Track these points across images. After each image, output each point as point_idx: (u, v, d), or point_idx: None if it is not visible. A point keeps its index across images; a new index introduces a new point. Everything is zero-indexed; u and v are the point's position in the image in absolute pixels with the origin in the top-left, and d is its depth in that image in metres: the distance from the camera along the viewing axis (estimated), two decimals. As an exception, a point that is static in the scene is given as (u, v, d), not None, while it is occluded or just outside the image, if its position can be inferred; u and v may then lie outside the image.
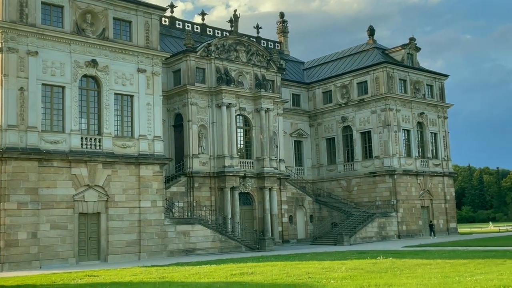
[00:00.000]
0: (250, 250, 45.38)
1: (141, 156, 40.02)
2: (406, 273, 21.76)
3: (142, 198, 39.72)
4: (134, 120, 40.51)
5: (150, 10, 42.43)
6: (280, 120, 56.86)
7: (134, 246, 39.06)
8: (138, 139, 40.36)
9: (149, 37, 42.04)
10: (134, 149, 40.12)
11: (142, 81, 41.10)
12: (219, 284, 20.21)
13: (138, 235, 39.25)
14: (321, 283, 19.33)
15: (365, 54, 65.22)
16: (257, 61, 55.11)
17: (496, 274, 19.97)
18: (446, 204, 64.11)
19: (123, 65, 40.34)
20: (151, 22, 42.50)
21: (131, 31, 41.35)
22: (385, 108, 58.98)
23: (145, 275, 25.46)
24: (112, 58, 39.66)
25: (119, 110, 40.08)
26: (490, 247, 38.91)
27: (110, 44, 39.48)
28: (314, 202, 59.91)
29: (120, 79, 40.01)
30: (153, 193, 40.38)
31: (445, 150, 65.30)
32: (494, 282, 17.50)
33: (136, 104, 40.61)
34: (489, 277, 19.19)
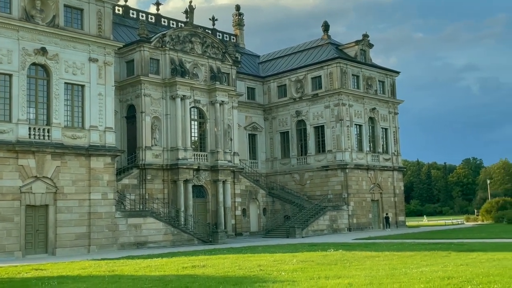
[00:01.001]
0: (203, 243, 44.71)
1: (91, 147, 38.77)
2: (355, 265, 21.92)
3: (93, 190, 38.56)
4: (85, 110, 39.21)
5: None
6: (235, 113, 56.29)
7: (83, 239, 37.95)
8: (89, 130, 39.07)
9: (102, 25, 40.70)
10: (85, 140, 38.82)
11: (93, 71, 39.77)
12: (170, 277, 19.85)
13: (87, 228, 38.13)
14: (272, 275, 19.24)
15: (320, 49, 65.25)
16: (212, 53, 54.31)
17: (441, 266, 20.37)
18: (395, 198, 64.97)
19: (74, 54, 38.97)
20: (103, 10, 41.15)
21: (83, 19, 39.93)
22: (338, 103, 59.17)
23: (95, 268, 24.83)
24: (62, 46, 38.22)
25: (70, 100, 38.70)
26: (436, 239, 39.58)
27: (60, 32, 38.05)
28: (267, 195, 59.72)
29: (70, 68, 38.63)
30: (104, 185, 39.28)
31: (395, 145, 66.12)
32: (439, 274, 17.79)
33: (87, 94, 39.29)
34: (434, 268, 19.56)
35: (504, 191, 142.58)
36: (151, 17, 60.43)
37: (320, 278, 17.62)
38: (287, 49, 71.95)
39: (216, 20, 65.24)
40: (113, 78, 41.74)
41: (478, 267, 19.58)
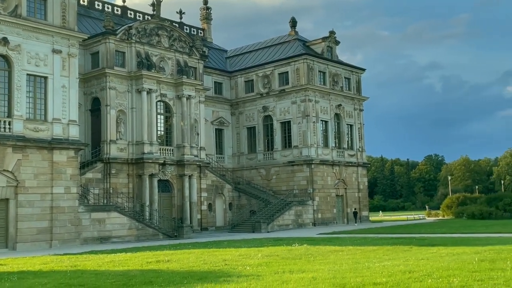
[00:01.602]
0: (168, 238, 44.26)
1: (54, 140, 37.89)
2: (319, 259, 21.95)
3: (55, 184, 37.72)
4: (48, 103, 38.28)
5: (67, -12, 40.28)
6: (202, 107, 55.86)
7: (45, 234, 37.11)
8: (51, 122, 38.19)
9: (66, 16, 39.74)
10: (47, 133, 37.93)
11: (57, 63, 38.87)
12: (134, 272, 19.52)
13: (50, 223, 37.29)
14: (237, 270, 19.13)
15: (287, 45, 65.26)
16: (179, 47, 53.75)
17: (402, 260, 20.49)
18: (359, 193, 65.60)
19: (37, 45, 38.05)
20: (68, 1, 40.20)
21: (46, 9, 38.89)
22: (305, 99, 59.35)
23: (56, 263, 24.30)
24: (25, 37, 37.30)
25: (32, 92, 37.77)
26: (398, 234, 39.98)
27: (23, 22, 37.06)
28: (233, 190, 59.54)
29: (33, 59, 37.70)
30: (66, 179, 38.45)
31: (360, 141, 66.68)
32: (400, 268, 17.89)
33: (50, 86, 38.38)
34: (396, 262, 19.67)
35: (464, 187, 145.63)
36: (117, 9, 59.54)
37: (285, 272, 17.59)
38: (254, 44, 71.78)
39: (184, 14, 64.69)
40: (77, 70, 40.87)
41: (439, 261, 19.79)
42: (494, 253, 21.68)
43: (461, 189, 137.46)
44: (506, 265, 17.33)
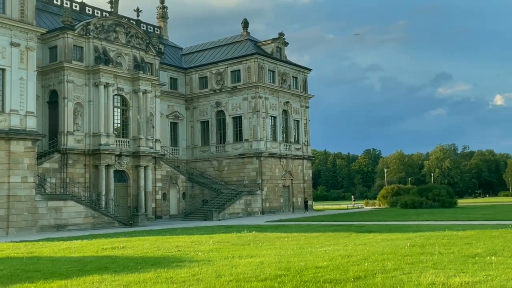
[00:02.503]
0: (123, 226, 43.60)
1: (12, 131, 36.58)
2: (267, 245, 22.07)
3: (12, 173, 36.47)
4: (6, 94, 36.88)
5: (26, -15, 38.87)
6: (157, 102, 55.11)
7: (2, 222, 35.87)
8: (9, 114, 36.85)
9: (24, 10, 38.33)
10: (5, 124, 36.56)
11: (15, 55, 37.45)
12: (89, 258, 19.17)
13: (6, 211, 36.06)
14: (189, 255, 19.05)
15: (239, 45, 65.14)
16: (136, 43, 52.83)
17: (342, 246, 20.86)
18: (304, 184, 66.26)
19: (-4, 38, 36.64)
20: (27, -5, 38.90)
21: (5, 3, 37.30)
22: (255, 95, 59.44)
23: (13, 250, 23.56)
24: (-18, 29, 35.79)
25: (-11, 83, 36.37)
26: (338, 222, 40.50)
27: (-19, 15, 35.62)
28: (187, 180, 59.14)
29: (-9, 52, 36.27)
30: (23, 169, 37.23)
31: (305, 136, 67.29)
32: (340, 252, 18.30)
33: (8, 78, 36.94)
34: (336, 248, 20.02)
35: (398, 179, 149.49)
36: (75, 5, 57.84)
37: (234, 258, 17.65)
38: (209, 43, 71.30)
39: (141, 12, 63.52)
40: (35, 63, 39.60)
41: (375, 246, 20.24)
42: (423, 239, 22.36)
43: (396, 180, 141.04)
44: (434, 250, 17.94)
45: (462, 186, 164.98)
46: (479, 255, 16.44)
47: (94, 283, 13.32)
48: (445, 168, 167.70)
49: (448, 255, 16.71)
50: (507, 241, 20.32)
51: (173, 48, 70.90)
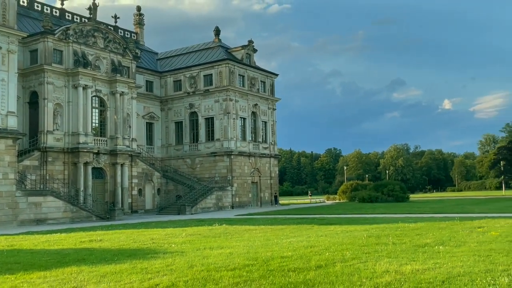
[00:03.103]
0: (101, 220, 42.95)
1: (-6, 130, 35.74)
2: (236, 237, 22.02)
3: (-6, 170, 35.58)
4: (-12, 95, 36.02)
5: (7, -10, 37.92)
6: (134, 103, 54.50)
7: (-17, 216, 34.95)
8: (-10, 113, 35.98)
9: (6, 15, 37.44)
10: (-13, 123, 35.72)
11: (-3, 58, 36.63)
12: (68, 251, 18.74)
13: (-12, 206, 35.13)
14: (163, 247, 18.83)
15: (212, 51, 64.91)
16: (114, 48, 52.13)
17: (305, 237, 20.91)
18: (271, 180, 66.44)
19: (-23, 41, 35.68)
20: (8, 1, 37.90)
21: (-13, 8, 36.53)
22: (226, 98, 59.35)
23: (-6, 243, 22.83)
24: (-36, 32, 34.76)
25: (-28, 84, 35.38)
26: (302, 215, 40.60)
27: (-36, 18, 34.59)
28: (162, 177, 58.64)
29: (-27, 54, 35.29)
30: (4, 166, 36.35)
31: (272, 136, 67.49)
32: (303, 243, 18.36)
33: (-11, 79, 36.09)
34: (300, 239, 20.07)
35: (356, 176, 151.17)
36: (55, 11, 56.67)
37: (205, 249, 17.55)
38: (183, 48, 70.81)
39: (118, 18, 62.66)
40: (16, 65, 38.71)
41: (335, 237, 20.32)
42: (379, 231, 22.56)
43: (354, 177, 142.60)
44: (389, 240, 18.15)
45: (414, 182, 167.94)
46: (428, 245, 16.67)
47: (72, 274, 13.10)
48: (398, 166, 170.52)
49: (400, 245, 16.90)
50: (453, 232, 20.67)
51: (149, 53, 70.17)
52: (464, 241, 17.42)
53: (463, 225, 24.11)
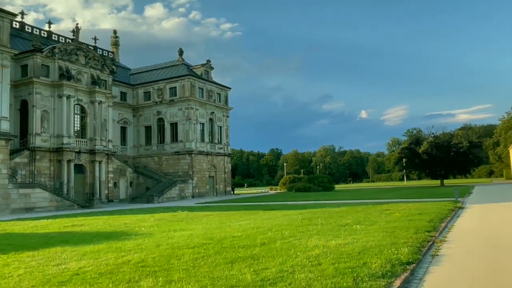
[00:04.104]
0: (82, 208, 41.58)
1: (-13, 132, 33.92)
2: (196, 221, 21.83)
3: (-12, 166, 33.76)
4: (-18, 102, 34.15)
5: (1, 14, 36.09)
6: (110, 110, 52.94)
7: (-22, 206, 33.09)
8: (-15, 118, 34.12)
9: (0, 36, 35.67)
10: (-18, 126, 33.84)
11: (-9, 71, 34.80)
12: (53, 234, 18.16)
13: (-18, 197, 33.30)
14: (134, 230, 18.50)
15: (176, 68, 64.06)
16: (93, 64, 50.48)
17: (252, 220, 20.97)
18: (225, 174, 66.25)
19: (-26, 56, 33.74)
20: (2, 23, 36.26)
21: (-18, 28, 34.61)
22: (188, 107, 58.77)
23: (-13, 229, 21.72)
24: (-38, 49, 32.76)
25: (-32, 93, 33.44)
26: (250, 203, 40.59)
27: (-39, 36, 32.58)
28: (133, 172, 57.28)
29: (-30, 67, 33.33)
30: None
31: (226, 138, 67.35)
32: (251, 225, 18.47)
33: (-16, 89, 34.23)
34: (248, 222, 20.12)
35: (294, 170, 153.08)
36: (43, 32, 54.21)
37: (170, 231, 17.37)
38: (152, 66, 69.42)
39: (98, 40, 60.89)
40: (8, 78, 37.02)
41: (276, 220, 20.49)
42: (311, 214, 22.80)
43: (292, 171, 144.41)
44: (318, 222, 18.43)
45: (338, 175, 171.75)
46: (349, 224, 16.99)
47: (57, 253, 12.71)
48: (326, 163, 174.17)
49: (327, 225, 17.14)
50: (367, 214, 21.08)
51: (123, 69, 68.38)
52: (376, 221, 17.82)
53: (374, 208, 24.58)
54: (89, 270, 10.12)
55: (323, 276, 8.60)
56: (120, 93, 60.67)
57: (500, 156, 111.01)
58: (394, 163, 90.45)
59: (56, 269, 10.36)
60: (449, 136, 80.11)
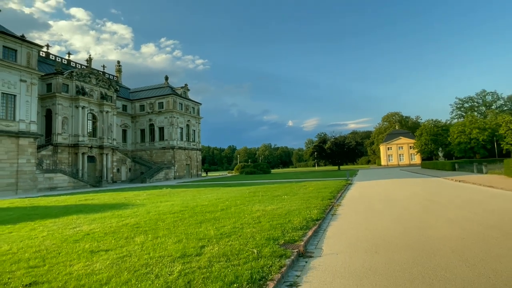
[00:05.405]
0: (93, 187, 39.00)
1: (20, 132, 30.97)
2: (176, 195, 21.14)
3: (20, 157, 30.86)
4: (16, 110, 31.14)
5: (30, 46, 32.99)
6: (114, 117, 50.04)
7: (13, 186, 30.23)
8: (18, 121, 31.13)
9: (30, 61, 32.64)
10: (16, 128, 30.85)
11: (23, 87, 31.77)
12: (70, 206, 16.84)
13: (16, 180, 30.43)
14: (131, 202, 17.60)
15: (163, 89, 61.86)
16: (102, 84, 47.53)
17: (215, 194, 20.40)
18: (197, 163, 64.96)
19: (10, 76, 30.62)
20: (32, 52, 33.11)
21: (16, 55, 31.54)
22: (172, 116, 57.03)
23: (20, 203, 19.93)
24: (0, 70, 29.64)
25: (5, 103, 30.32)
26: (214, 182, 40.04)
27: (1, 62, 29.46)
28: (131, 161, 54.60)
29: (6, 84, 30.26)
30: (28, 155, 31.72)
31: (198, 138, 66.05)
32: (215, 197, 17.96)
33: (17, 101, 31.22)
34: (212, 195, 19.58)
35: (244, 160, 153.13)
36: (64, 60, 50.13)
37: (157, 202, 16.75)
38: (146, 86, 66.43)
39: (106, 67, 57.30)
40: (36, 92, 33.74)
41: (231, 193, 19.70)
42: (255, 189, 22.70)
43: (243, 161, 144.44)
44: (259, 194, 18.41)
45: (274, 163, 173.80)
46: (279, 195, 16.98)
47: (73, 219, 11.89)
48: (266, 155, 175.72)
49: (265, 196, 17.10)
50: (292, 189, 21.15)
51: (125, 88, 64.99)
52: (297, 193, 17.99)
53: (296, 185, 24.80)
54: (97, 231, 9.56)
55: (262, 230, 8.71)
56: (122, 105, 57.65)
57: (374, 150, 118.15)
58: (309, 155, 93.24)
59: (72, 231, 9.69)
60: (343, 138, 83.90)
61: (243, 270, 5.87)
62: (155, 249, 7.32)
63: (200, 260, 6.45)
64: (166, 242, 7.86)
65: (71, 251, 7.48)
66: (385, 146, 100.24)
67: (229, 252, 6.81)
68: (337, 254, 7.02)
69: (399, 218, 10.31)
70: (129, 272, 6.02)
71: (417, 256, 6.64)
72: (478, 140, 61.47)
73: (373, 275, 5.89)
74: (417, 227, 8.98)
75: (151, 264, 6.37)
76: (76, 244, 8.11)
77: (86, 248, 7.64)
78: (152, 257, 6.79)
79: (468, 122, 64.77)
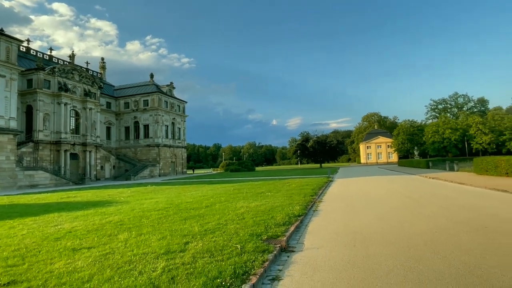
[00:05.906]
0: (76, 185, 37.75)
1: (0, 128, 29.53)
2: (160, 192, 20.84)
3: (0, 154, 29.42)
4: (-6, 105, 29.64)
5: (10, 40, 31.51)
6: (98, 115, 48.69)
7: (-10, 184, 28.74)
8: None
9: (9, 56, 31.22)
10: (-7, 124, 29.37)
11: (2, 83, 30.37)
12: (52, 204, 16.20)
13: (-7, 177, 28.97)
14: (115, 199, 17.20)
15: (148, 86, 60.59)
16: (85, 81, 46.04)
17: (200, 191, 20.14)
18: (182, 160, 64.21)
19: (-14, 70, 29.12)
20: (11, 47, 31.65)
21: (-6, 49, 29.99)
22: (157, 114, 56.01)
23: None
24: (-24, 64, 28.11)
25: (-19, 98, 28.82)
26: (200, 179, 39.47)
27: (-25, 54, 27.91)
28: (116, 159, 53.25)
29: (-17, 78, 28.74)
30: (7, 152, 30.47)
31: (183, 135, 65.25)
32: (199, 194, 17.73)
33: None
34: (197, 192, 19.39)
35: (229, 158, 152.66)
36: (46, 56, 48.20)
37: (142, 199, 16.44)
38: (131, 84, 64.81)
39: (89, 64, 55.58)
40: (16, 88, 32.41)
41: (216, 190, 19.63)
42: (239, 186, 22.64)
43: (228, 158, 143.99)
44: (244, 191, 18.40)
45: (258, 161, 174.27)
46: (263, 192, 17.03)
47: (54, 217, 11.47)
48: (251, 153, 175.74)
49: (249, 193, 17.08)
50: (275, 185, 21.02)
51: (109, 85, 63.19)
52: (280, 190, 18.07)
53: (279, 182, 24.96)
54: (79, 228, 9.28)
55: (246, 226, 8.72)
56: (106, 102, 56.09)
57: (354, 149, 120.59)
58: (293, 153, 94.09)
59: (53, 229, 9.35)
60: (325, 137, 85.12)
61: (227, 265, 5.87)
62: (139, 246, 7.20)
63: (184, 256, 6.40)
64: (150, 239, 7.73)
65: (52, 249, 7.23)
66: (365, 145, 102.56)
67: (213, 248, 6.79)
68: (318, 249, 7.13)
69: (377, 214, 10.58)
70: (112, 269, 5.89)
71: (394, 249, 6.84)
72: (450, 139, 64.05)
73: (352, 268, 6.03)
74: (394, 222, 9.24)
75: (135, 261, 6.26)
76: (57, 242, 7.84)
77: (67, 246, 7.41)
78: (135, 254, 6.67)
79: (441, 122, 67.33)
